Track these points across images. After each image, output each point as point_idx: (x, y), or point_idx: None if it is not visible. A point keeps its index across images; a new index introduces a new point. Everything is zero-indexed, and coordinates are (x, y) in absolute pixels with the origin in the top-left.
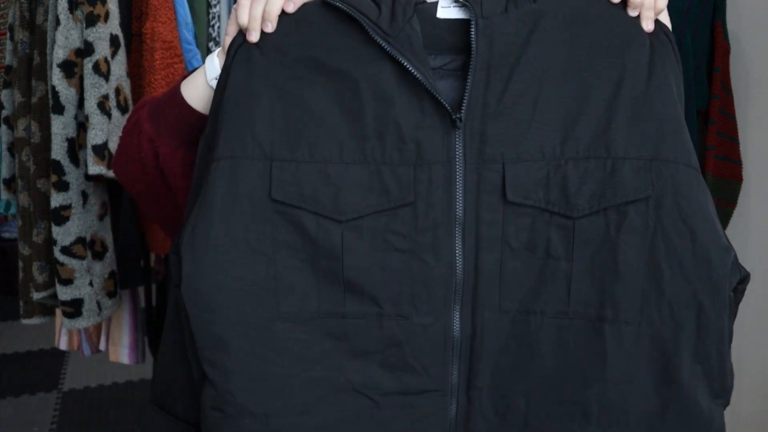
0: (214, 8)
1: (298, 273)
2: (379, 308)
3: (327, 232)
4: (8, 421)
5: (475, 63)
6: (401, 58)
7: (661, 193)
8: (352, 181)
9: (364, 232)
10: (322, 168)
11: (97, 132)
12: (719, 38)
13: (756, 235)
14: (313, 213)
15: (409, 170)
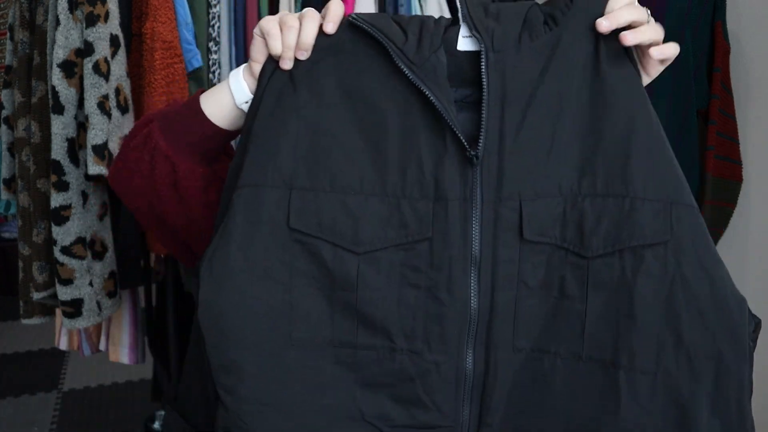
0: (214, 8)
1: (313, 300)
2: (392, 342)
3: (343, 262)
4: (8, 421)
5: (488, 98)
6: (425, 89)
7: (680, 239)
8: (371, 213)
9: (381, 265)
10: (342, 198)
11: (97, 132)
12: (719, 38)
13: (756, 235)
14: (331, 243)
15: (428, 205)
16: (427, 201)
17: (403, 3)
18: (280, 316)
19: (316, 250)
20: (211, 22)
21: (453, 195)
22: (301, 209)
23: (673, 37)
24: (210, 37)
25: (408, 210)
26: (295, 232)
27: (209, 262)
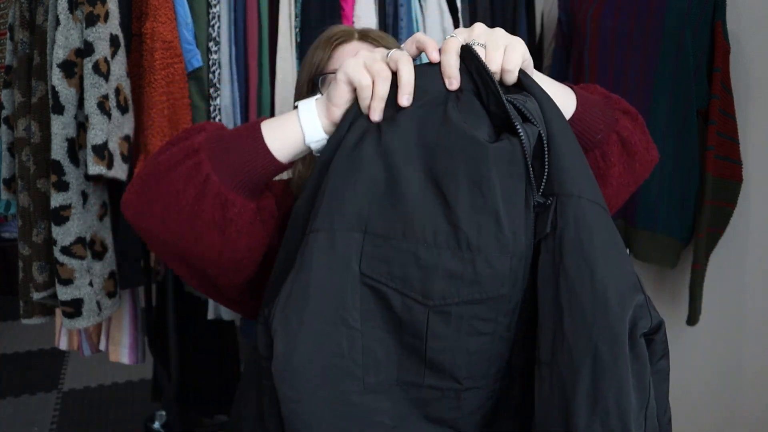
0: (214, 8)
1: (381, 344)
2: (459, 384)
3: (412, 312)
4: (8, 421)
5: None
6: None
7: (563, 231)
8: (443, 267)
9: (451, 317)
10: (414, 249)
11: (97, 132)
12: (719, 38)
13: (756, 235)
14: (400, 293)
15: (506, 260)
16: (506, 256)
17: (403, 3)
18: (353, 363)
19: (384, 297)
20: (211, 22)
21: (524, 247)
22: (373, 255)
23: (673, 37)
24: (210, 37)
25: (483, 266)
26: (366, 277)
27: (283, 311)
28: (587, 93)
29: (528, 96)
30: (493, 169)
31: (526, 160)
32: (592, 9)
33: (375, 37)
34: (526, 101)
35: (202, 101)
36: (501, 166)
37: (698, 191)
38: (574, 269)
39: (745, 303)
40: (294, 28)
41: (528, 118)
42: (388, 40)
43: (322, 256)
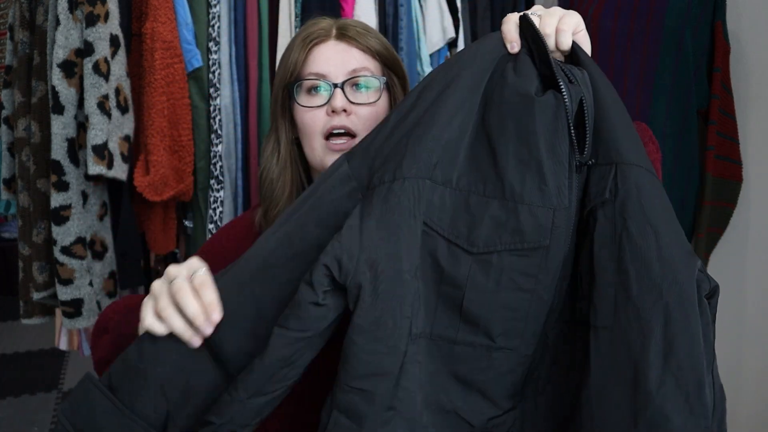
0: (214, 8)
1: (422, 294)
2: (491, 341)
3: (456, 261)
4: (8, 421)
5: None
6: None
7: (625, 197)
8: (489, 215)
9: (492, 267)
10: (466, 197)
11: (97, 132)
12: (719, 38)
13: (756, 235)
14: (447, 240)
15: (549, 213)
16: (548, 209)
17: (403, 3)
18: (411, 311)
19: (433, 245)
20: (211, 22)
21: (567, 202)
22: (431, 203)
23: (673, 37)
24: (210, 37)
25: (526, 216)
26: (425, 226)
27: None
28: None
29: (580, 69)
30: (539, 121)
31: (567, 117)
32: (591, 9)
33: (353, 35)
34: (573, 68)
35: (202, 101)
36: (545, 119)
37: (698, 191)
38: (640, 234)
39: (745, 303)
40: (294, 27)
41: (572, 81)
42: (367, 36)
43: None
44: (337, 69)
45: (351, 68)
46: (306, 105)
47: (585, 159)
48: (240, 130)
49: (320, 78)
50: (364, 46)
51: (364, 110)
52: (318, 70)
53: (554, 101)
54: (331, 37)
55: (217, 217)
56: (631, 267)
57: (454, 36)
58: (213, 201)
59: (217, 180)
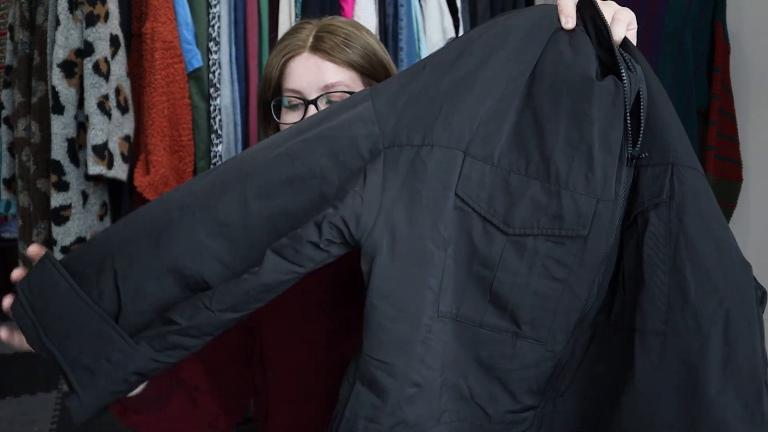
0: (214, 8)
1: (451, 272)
2: (517, 328)
3: (490, 240)
4: (8, 421)
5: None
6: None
7: (682, 199)
8: (529, 196)
9: (526, 250)
10: (506, 176)
11: (97, 132)
12: (719, 38)
13: (756, 235)
14: (482, 217)
15: (592, 202)
16: (591, 198)
17: (403, 3)
18: (438, 284)
19: (468, 221)
20: (211, 22)
21: (613, 195)
22: (468, 177)
23: (673, 37)
24: (210, 37)
25: (568, 202)
26: (458, 199)
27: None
28: None
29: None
30: (596, 106)
31: (625, 105)
32: None
33: (328, 48)
34: (631, 58)
35: (202, 101)
36: (603, 105)
37: None
38: (699, 237)
39: None
40: None
41: (632, 69)
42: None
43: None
44: (310, 85)
45: (323, 84)
46: (284, 122)
47: (637, 152)
48: (240, 130)
49: (295, 94)
50: (338, 59)
51: None
52: (293, 86)
53: (614, 88)
54: (305, 49)
55: None
56: (689, 271)
57: (455, 36)
58: None
59: None
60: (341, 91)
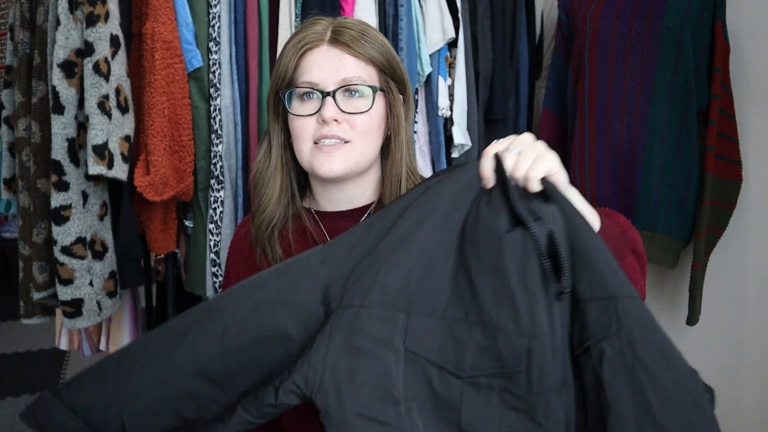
0: (214, 8)
1: (420, 417)
2: None
3: (448, 384)
4: (8, 421)
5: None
6: (528, 223)
7: (630, 328)
8: (474, 342)
9: (482, 388)
10: (451, 326)
11: (97, 132)
12: (719, 38)
13: (756, 235)
14: (437, 366)
15: (524, 340)
16: (522, 336)
17: (403, 3)
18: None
19: (425, 371)
20: (211, 22)
21: (545, 330)
22: (416, 332)
23: (673, 37)
24: (210, 37)
25: (504, 343)
26: (410, 353)
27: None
28: (610, 221)
29: (550, 203)
30: (508, 257)
31: (538, 250)
32: (591, 9)
33: (347, 41)
34: (541, 205)
35: (202, 101)
36: (515, 255)
37: (698, 191)
38: (653, 362)
39: (744, 303)
40: (294, 27)
41: (539, 217)
42: (363, 42)
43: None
44: (329, 77)
45: (343, 77)
46: (297, 113)
47: (563, 287)
48: (240, 130)
49: (311, 86)
50: (357, 52)
51: (356, 118)
52: (309, 78)
53: (521, 237)
54: (324, 41)
55: (217, 217)
56: (652, 394)
57: (454, 36)
58: (213, 201)
59: (217, 180)
60: (358, 84)
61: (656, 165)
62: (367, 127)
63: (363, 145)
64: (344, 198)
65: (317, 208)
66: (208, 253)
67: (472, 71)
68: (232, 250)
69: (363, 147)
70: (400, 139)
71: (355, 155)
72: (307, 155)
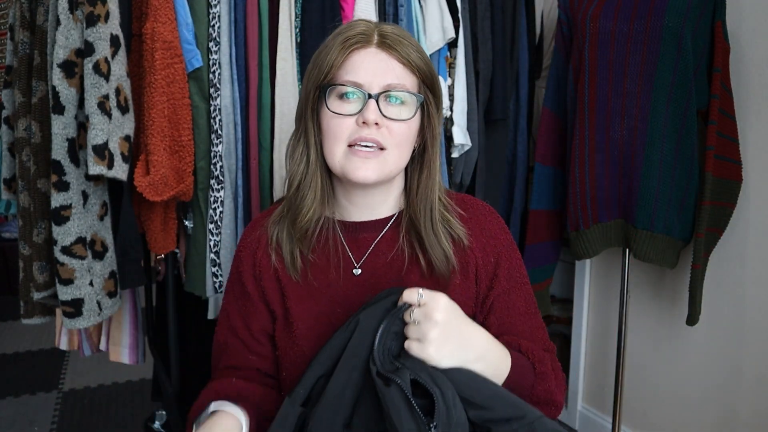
0: (214, 8)
1: None
2: None
3: None
4: (8, 421)
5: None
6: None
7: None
8: None
9: None
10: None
11: (97, 132)
12: (719, 38)
13: (756, 235)
14: None
15: None
16: None
17: (403, 3)
18: None
19: None
20: (211, 22)
21: None
22: None
23: (673, 37)
24: (210, 37)
25: None
26: None
27: None
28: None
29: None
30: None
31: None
32: (591, 9)
33: (393, 43)
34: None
35: (202, 101)
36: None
37: (698, 191)
38: None
39: (744, 303)
40: (294, 28)
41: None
42: (408, 47)
43: None
44: (375, 79)
45: (388, 81)
46: (336, 111)
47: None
48: (240, 130)
49: (356, 86)
50: (405, 58)
51: (395, 125)
52: (354, 78)
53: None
54: (372, 43)
55: (218, 217)
56: None
57: (454, 36)
58: (213, 201)
59: (217, 180)
60: (402, 91)
61: (656, 165)
62: (404, 137)
63: (397, 153)
64: (366, 205)
65: (338, 217)
66: (208, 253)
67: (472, 71)
68: (246, 253)
69: (397, 156)
70: (434, 150)
71: (389, 164)
72: (341, 158)
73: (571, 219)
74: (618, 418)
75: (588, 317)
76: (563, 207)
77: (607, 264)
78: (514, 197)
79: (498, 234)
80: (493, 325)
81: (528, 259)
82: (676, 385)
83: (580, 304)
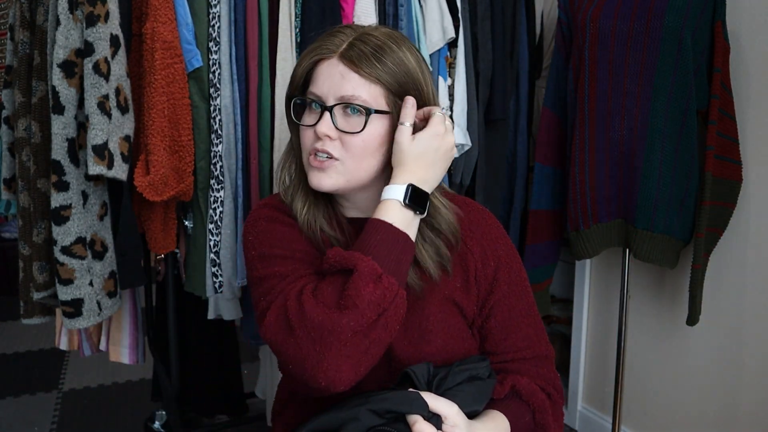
0: (214, 8)
1: None
2: None
3: None
4: (8, 421)
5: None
6: None
7: None
8: None
9: None
10: None
11: (97, 132)
12: (719, 38)
13: (756, 235)
14: None
15: None
16: None
17: (403, 3)
18: None
19: None
20: (211, 22)
21: None
22: None
23: (673, 37)
24: (210, 37)
25: None
26: None
27: None
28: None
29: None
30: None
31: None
32: (591, 9)
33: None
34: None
35: (202, 101)
36: None
37: (698, 191)
38: None
39: (745, 303)
40: (294, 28)
41: None
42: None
43: None
44: (330, 91)
45: (341, 94)
46: (301, 123)
47: None
48: (240, 130)
49: (316, 97)
50: (363, 71)
51: (348, 138)
52: (315, 90)
53: None
54: (335, 54)
55: (217, 217)
56: None
57: (454, 36)
58: (213, 201)
59: (217, 180)
60: (354, 104)
61: (656, 165)
62: (359, 149)
63: (354, 164)
64: (354, 206)
65: (342, 212)
66: (208, 253)
67: (472, 71)
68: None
69: (354, 166)
70: None
71: (348, 172)
72: (306, 165)
73: (571, 219)
74: (618, 418)
75: (588, 317)
76: (563, 207)
77: (607, 264)
78: (514, 197)
79: (498, 238)
80: (493, 329)
81: (528, 259)
82: (676, 385)
83: (580, 304)
